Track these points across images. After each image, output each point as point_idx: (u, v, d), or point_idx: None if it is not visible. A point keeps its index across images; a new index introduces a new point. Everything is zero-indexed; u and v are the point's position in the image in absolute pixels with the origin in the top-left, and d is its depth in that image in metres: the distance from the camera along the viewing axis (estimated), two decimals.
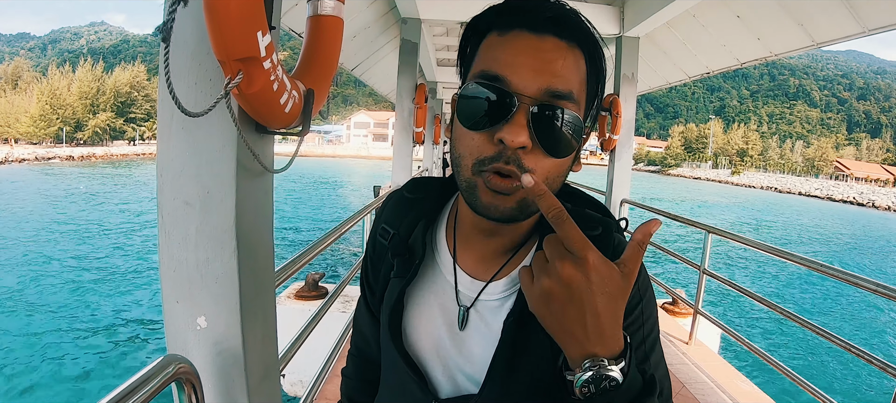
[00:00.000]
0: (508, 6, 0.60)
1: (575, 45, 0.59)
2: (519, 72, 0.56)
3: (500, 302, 0.69)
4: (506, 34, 0.59)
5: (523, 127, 0.56)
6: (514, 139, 0.55)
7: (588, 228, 0.66)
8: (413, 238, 0.74)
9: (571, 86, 0.58)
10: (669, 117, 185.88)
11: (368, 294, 0.86)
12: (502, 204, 0.59)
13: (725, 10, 5.00)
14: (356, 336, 0.93)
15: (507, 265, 0.70)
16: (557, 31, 0.58)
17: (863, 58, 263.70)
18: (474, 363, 0.68)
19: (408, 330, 0.73)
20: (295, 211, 24.09)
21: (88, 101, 69.85)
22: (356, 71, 8.12)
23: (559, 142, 0.57)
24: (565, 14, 0.59)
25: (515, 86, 0.56)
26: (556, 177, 0.61)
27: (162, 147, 1.16)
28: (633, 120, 5.72)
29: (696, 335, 4.05)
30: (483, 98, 0.57)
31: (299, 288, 4.87)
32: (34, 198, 25.21)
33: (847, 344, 2.41)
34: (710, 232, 3.87)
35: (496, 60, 0.58)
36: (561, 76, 0.57)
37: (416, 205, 0.77)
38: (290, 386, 4.22)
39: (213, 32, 0.93)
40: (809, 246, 26.13)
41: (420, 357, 0.72)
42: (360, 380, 0.92)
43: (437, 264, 0.74)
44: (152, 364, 0.85)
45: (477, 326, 0.69)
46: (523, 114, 0.56)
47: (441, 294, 0.72)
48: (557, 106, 0.57)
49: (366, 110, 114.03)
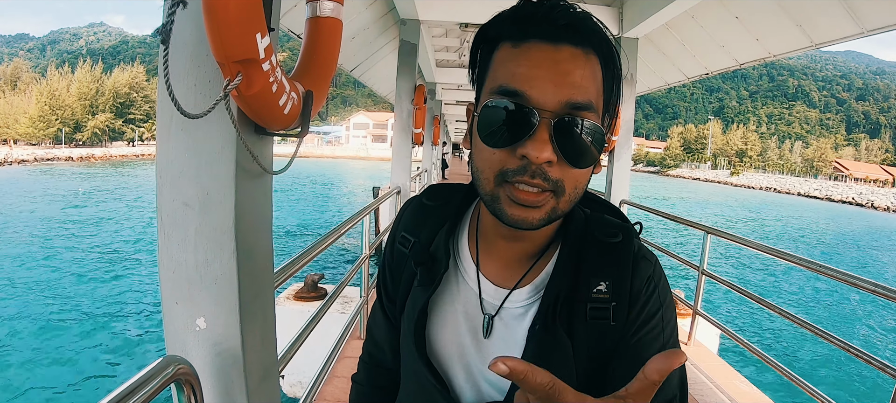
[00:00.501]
0: (520, 15, 0.59)
1: (591, 50, 0.58)
2: (538, 85, 0.56)
3: (523, 310, 0.68)
4: (520, 45, 0.58)
5: (546, 142, 0.55)
6: (539, 155, 0.55)
7: (608, 235, 0.68)
8: (434, 246, 0.74)
9: (590, 96, 0.57)
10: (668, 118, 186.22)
11: (386, 301, 0.85)
12: (531, 216, 0.58)
13: (724, 10, 5.00)
14: (369, 343, 0.92)
15: (530, 272, 0.69)
16: (573, 38, 0.57)
17: (862, 58, 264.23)
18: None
19: (431, 338, 0.73)
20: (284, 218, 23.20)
21: (87, 102, 69.86)
22: (355, 72, 8.12)
23: (583, 152, 0.57)
24: (580, 19, 0.58)
25: (535, 101, 0.55)
26: (583, 185, 0.61)
27: (161, 148, 1.16)
28: (632, 121, 5.73)
29: (695, 335, 4.06)
30: (503, 114, 0.57)
31: (298, 289, 4.87)
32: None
33: (845, 344, 2.41)
34: (708, 232, 3.87)
35: (513, 75, 0.57)
36: (580, 87, 0.56)
37: (435, 213, 0.77)
38: (290, 387, 4.22)
39: (213, 34, 0.93)
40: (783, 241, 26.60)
41: (443, 365, 0.72)
42: (372, 387, 0.91)
43: (460, 272, 0.74)
44: (151, 365, 0.85)
45: (501, 334, 0.69)
46: (545, 129, 0.55)
47: (465, 302, 0.72)
48: (579, 117, 0.56)
49: (365, 111, 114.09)
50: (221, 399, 1.22)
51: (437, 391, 0.70)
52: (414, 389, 0.76)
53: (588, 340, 0.64)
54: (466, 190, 0.78)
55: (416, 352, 0.71)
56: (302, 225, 20.55)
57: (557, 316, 0.64)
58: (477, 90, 0.65)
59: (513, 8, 0.60)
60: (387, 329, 0.86)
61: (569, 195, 0.59)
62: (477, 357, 0.70)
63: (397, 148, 6.05)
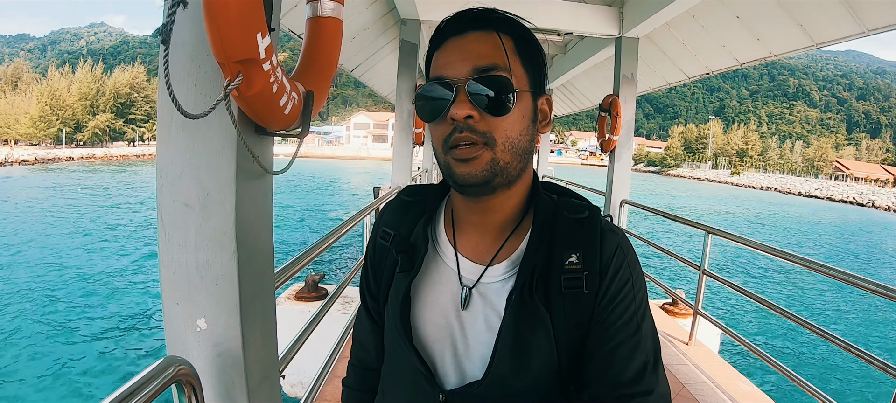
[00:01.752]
0: (440, 28, 0.73)
1: (494, 31, 0.70)
2: (452, 66, 0.69)
3: (501, 284, 0.74)
4: (441, 47, 0.72)
5: (464, 101, 0.67)
6: (459, 112, 0.67)
7: (575, 212, 0.75)
8: (414, 235, 0.80)
9: (494, 60, 0.68)
10: (669, 118, 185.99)
11: (369, 299, 0.89)
12: (473, 169, 0.68)
13: (725, 10, 5.00)
14: (356, 347, 0.95)
15: (505, 247, 0.76)
16: (477, 26, 0.70)
17: (862, 58, 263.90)
18: (480, 343, 0.72)
19: (416, 323, 0.77)
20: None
21: (88, 103, 69.75)
22: (356, 72, 8.12)
23: (497, 101, 0.67)
24: (484, 12, 0.71)
25: (451, 77, 0.69)
26: (516, 136, 0.70)
27: (161, 149, 1.16)
28: (633, 120, 5.71)
29: (696, 335, 4.05)
30: (431, 95, 0.70)
31: (299, 289, 4.87)
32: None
33: (846, 345, 2.41)
34: (709, 232, 3.87)
35: (436, 68, 0.72)
36: (483, 55, 0.68)
37: (414, 207, 0.83)
38: (291, 387, 4.22)
39: (213, 34, 0.93)
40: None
41: (429, 349, 0.76)
42: (362, 390, 0.93)
43: (439, 255, 0.79)
44: (152, 365, 0.86)
45: (480, 308, 0.74)
46: (462, 93, 0.67)
47: (446, 282, 0.77)
48: (485, 77, 0.67)
49: (365, 111, 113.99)
50: (222, 399, 1.21)
51: (423, 376, 0.74)
52: (399, 378, 0.79)
53: (565, 309, 0.70)
54: (441, 185, 0.85)
55: (402, 339, 0.75)
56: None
57: (534, 289, 0.70)
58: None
59: (437, 26, 0.74)
60: (371, 329, 0.90)
61: (502, 144, 0.68)
62: (459, 332, 0.74)
63: (398, 148, 6.06)
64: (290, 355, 2.04)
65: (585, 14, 5.39)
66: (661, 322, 4.58)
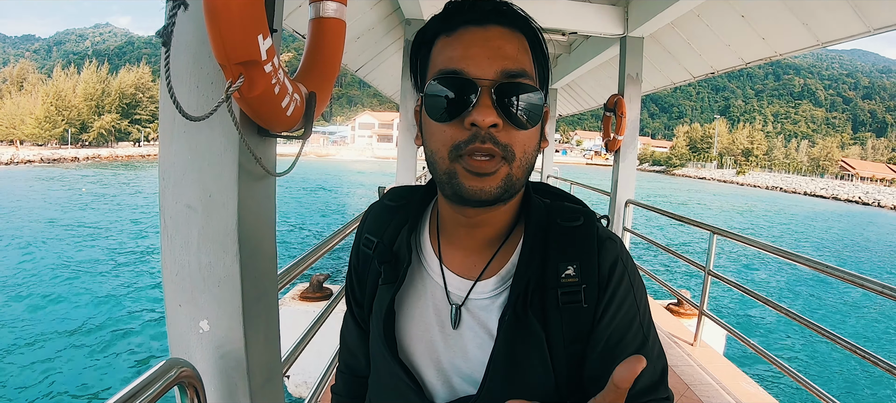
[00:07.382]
0: (450, 9, 0.64)
1: (518, 30, 0.63)
2: (474, 61, 0.60)
3: (491, 300, 0.69)
4: (453, 33, 0.63)
5: (490, 107, 0.59)
6: (485, 119, 0.58)
7: (570, 219, 0.70)
8: (397, 244, 0.75)
9: (524, 66, 0.62)
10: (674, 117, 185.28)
11: (355, 306, 0.86)
12: (487, 185, 0.60)
13: (730, 9, 4.97)
14: (344, 353, 0.92)
15: (494, 261, 0.70)
16: (500, 20, 0.62)
17: (868, 57, 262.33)
18: (470, 362, 0.68)
19: (401, 336, 0.73)
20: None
21: (93, 103, 69.99)
22: (360, 72, 8.13)
23: (525, 114, 0.61)
24: (505, 5, 0.63)
25: (474, 74, 0.59)
26: (531, 151, 0.63)
27: (164, 150, 1.16)
28: (638, 120, 5.68)
29: (701, 336, 4.04)
30: (447, 90, 0.60)
31: (304, 289, 4.88)
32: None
33: (852, 346, 2.39)
34: (714, 232, 3.85)
35: (451, 58, 0.61)
36: (513, 58, 0.61)
37: (397, 212, 0.78)
38: (295, 387, 4.22)
39: (214, 36, 0.92)
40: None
41: (414, 363, 0.72)
42: (351, 398, 0.91)
43: (423, 267, 0.74)
44: (155, 367, 0.85)
45: (470, 325, 0.69)
46: (487, 96, 0.59)
47: (432, 297, 0.72)
48: (516, 83, 0.60)
49: (370, 111, 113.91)
50: (224, 401, 1.21)
51: (411, 390, 0.69)
52: (385, 391, 0.75)
53: (562, 325, 0.65)
54: (426, 188, 0.79)
55: (386, 352, 0.71)
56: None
57: (529, 304, 0.65)
58: (418, 87, 0.70)
59: (443, 8, 0.65)
60: (358, 335, 0.86)
61: (519, 160, 0.62)
62: (446, 350, 0.70)
63: (403, 148, 6.05)
64: (294, 355, 2.03)
65: (590, 13, 5.36)
66: (666, 322, 4.57)
